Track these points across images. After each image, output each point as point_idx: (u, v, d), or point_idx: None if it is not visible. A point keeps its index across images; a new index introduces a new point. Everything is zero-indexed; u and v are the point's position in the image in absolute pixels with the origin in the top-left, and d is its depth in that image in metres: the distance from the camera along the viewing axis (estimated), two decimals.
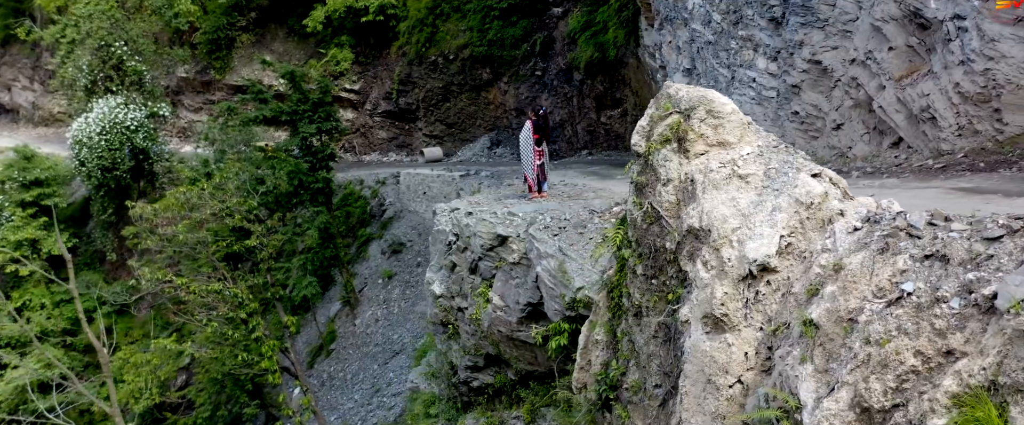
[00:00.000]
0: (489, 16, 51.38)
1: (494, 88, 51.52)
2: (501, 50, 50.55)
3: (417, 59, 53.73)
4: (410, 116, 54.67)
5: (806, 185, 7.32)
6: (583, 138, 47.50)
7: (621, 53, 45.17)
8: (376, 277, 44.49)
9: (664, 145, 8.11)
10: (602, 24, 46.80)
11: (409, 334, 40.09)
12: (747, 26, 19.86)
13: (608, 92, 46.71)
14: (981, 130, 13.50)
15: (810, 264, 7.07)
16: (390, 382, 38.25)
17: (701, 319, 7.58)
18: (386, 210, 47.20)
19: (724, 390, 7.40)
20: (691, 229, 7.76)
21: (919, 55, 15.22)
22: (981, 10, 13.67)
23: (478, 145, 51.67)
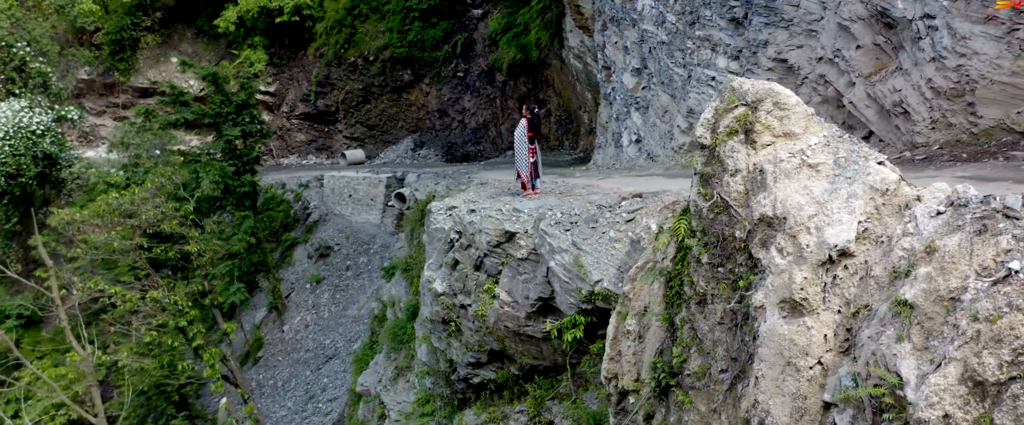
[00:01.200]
0: (409, 17, 51.21)
1: (416, 89, 51.37)
2: (422, 51, 50.46)
3: (336, 60, 53.14)
4: (329, 118, 53.97)
5: (880, 172, 7.72)
6: (507, 138, 47.78)
7: (544, 54, 45.72)
8: (303, 282, 43.77)
9: (731, 137, 8.41)
10: (523, 26, 47.25)
11: (342, 338, 39.63)
12: (705, 26, 20.46)
13: (532, 93, 47.15)
14: (955, 123, 14.33)
15: (890, 248, 7.45)
16: (325, 387, 37.72)
17: (778, 304, 7.89)
18: (311, 213, 46.49)
19: (805, 371, 7.72)
20: (763, 217, 8.07)
21: (886, 53, 16.01)
22: (950, 9, 14.51)
23: (401, 147, 51.42)
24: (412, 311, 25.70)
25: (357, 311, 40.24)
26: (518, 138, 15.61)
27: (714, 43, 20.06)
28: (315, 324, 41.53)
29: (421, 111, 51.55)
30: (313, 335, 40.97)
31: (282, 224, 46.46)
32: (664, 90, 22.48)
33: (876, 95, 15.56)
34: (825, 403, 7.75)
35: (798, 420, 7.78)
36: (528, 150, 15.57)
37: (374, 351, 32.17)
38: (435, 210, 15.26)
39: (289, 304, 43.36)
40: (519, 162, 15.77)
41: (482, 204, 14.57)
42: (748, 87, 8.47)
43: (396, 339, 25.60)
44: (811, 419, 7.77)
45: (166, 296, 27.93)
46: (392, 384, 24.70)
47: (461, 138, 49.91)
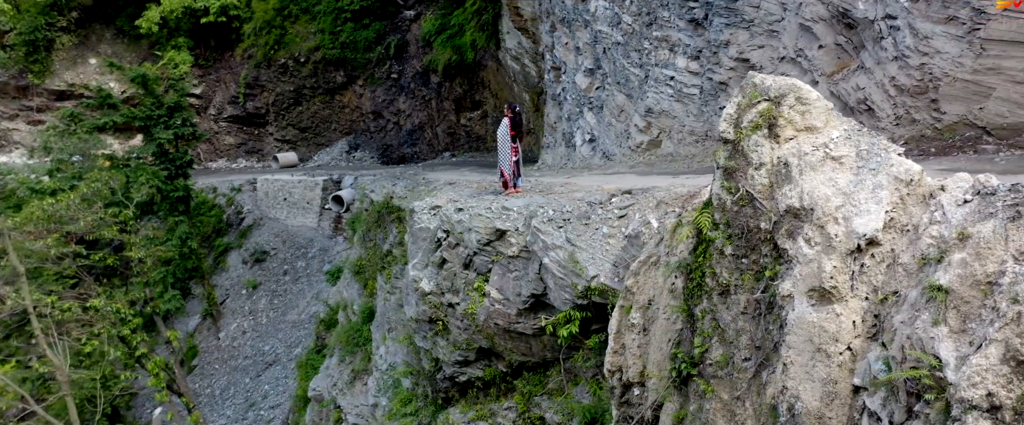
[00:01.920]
0: (340, 18, 50.73)
1: (349, 91, 50.92)
2: (354, 53, 50.05)
3: (265, 62, 52.30)
4: (259, 121, 53.07)
5: (903, 164, 8.06)
6: (444, 140, 47.78)
7: (480, 56, 45.82)
8: (239, 288, 42.96)
9: (755, 131, 8.67)
10: (458, 27, 47.27)
11: (282, 344, 39.05)
12: (662, 27, 20.86)
13: (467, 94, 47.24)
14: (919, 119, 14.96)
15: (917, 236, 7.79)
16: (266, 394, 37.13)
17: (806, 292, 8.16)
18: (244, 218, 45.65)
19: (835, 357, 8.01)
20: (790, 209, 8.34)
21: (847, 52, 16.61)
22: (911, 10, 15.14)
23: (336, 149, 50.89)
24: (367, 314, 25.54)
25: (297, 316, 39.71)
26: (501, 137, 15.70)
27: (672, 43, 20.47)
28: (253, 330, 40.82)
29: (355, 113, 51.12)
30: (251, 342, 40.27)
31: (214, 229, 45.50)
32: (620, 90, 22.83)
33: (840, 93, 16.12)
34: (855, 387, 8.05)
35: (829, 404, 8.06)
36: (511, 149, 15.68)
37: (322, 356, 31.82)
38: (419, 210, 15.24)
39: (224, 311, 42.52)
40: (502, 161, 15.86)
41: (469, 203, 14.62)
42: (770, 83, 8.74)
43: (351, 342, 25.40)
44: (841, 403, 8.06)
45: (107, 304, 27.09)
46: (349, 388, 24.50)
47: (396, 140, 49.67)
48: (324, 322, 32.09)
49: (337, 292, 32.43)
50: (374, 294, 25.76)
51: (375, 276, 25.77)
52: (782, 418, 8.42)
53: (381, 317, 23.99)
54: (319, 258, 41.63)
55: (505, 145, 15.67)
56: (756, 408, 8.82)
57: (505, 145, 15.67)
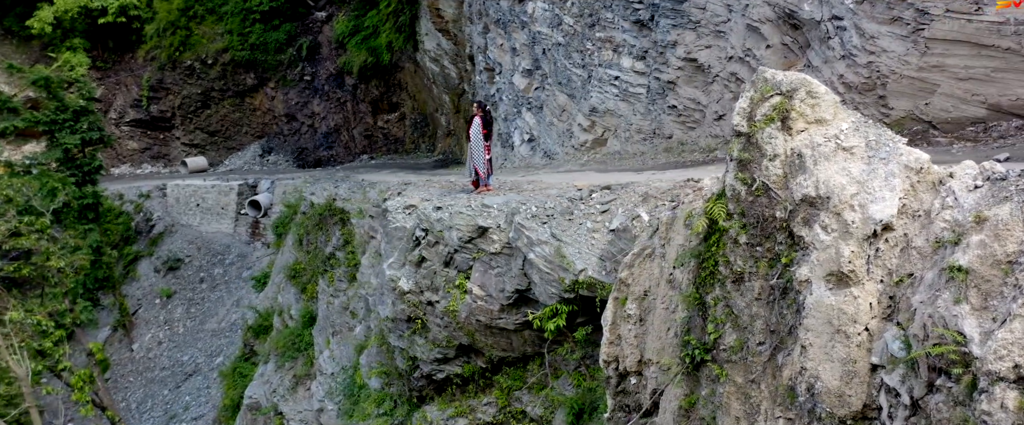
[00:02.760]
0: (249, 19, 49.71)
1: (260, 93, 49.96)
2: (265, 54, 49.15)
3: (170, 64, 50.80)
4: (165, 125, 51.50)
5: (912, 153, 8.58)
6: (361, 143, 47.40)
7: (397, 58, 45.67)
8: (152, 297, 41.63)
9: (768, 124, 9.06)
10: (372, 29, 46.99)
11: (202, 354, 38.07)
12: (606, 28, 21.31)
13: (384, 96, 46.99)
14: (868, 115, 15.76)
15: (930, 220, 8.31)
16: (187, 406, 36.13)
17: (824, 277, 8.59)
18: (154, 225, 44.24)
19: (854, 337, 8.45)
20: (805, 198, 8.76)
21: (793, 52, 17.35)
22: (857, 12, 15.94)
23: (248, 153, 49.82)
24: (308, 318, 25.22)
25: (217, 325, 38.77)
26: (474, 136, 15.80)
27: (616, 44, 20.94)
28: (169, 341, 39.64)
29: (267, 116, 50.16)
30: (168, 352, 39.09)
31: (122, 237, 43.89)
32: (561, 90, 23.20)
33: None
34: (872, 365, 8.51)
35: (848, 383, 8.50)
36: (484, 147, 15.80)
37: (250, 363, 31.21)
38: (393, 209, 15.21)
39: (137, 321, 41.14)
40: (476, 159, 15.96)
41: (447, 202, 14.69)
42: (781, 78, 9.16)
43: (292, 347, 25.03)
44: (860, 380, 8.51)
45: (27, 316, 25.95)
46: (291, 393, 24.15)
47: (312, 143, 48.98)
48: (252, 329, 31.45)
49: (266, 298, 31.84)
50: (314, 298, 25.46)
51: (314, 280, 25.48)
52: (801, 398, 8.83)
53: (324, 321, 23.75)
54: (238, 265, 40.74)
55: (479, 143, 15.79)
56: (772, 390, 9.21)
57: (479, 143, 15.79)
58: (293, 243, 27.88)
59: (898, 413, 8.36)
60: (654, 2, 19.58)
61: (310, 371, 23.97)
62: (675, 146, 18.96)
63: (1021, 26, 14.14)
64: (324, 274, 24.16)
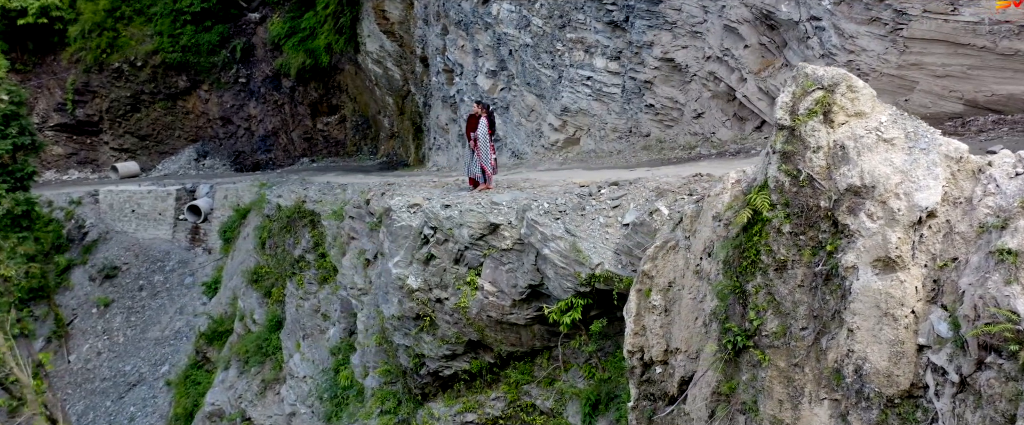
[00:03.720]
0: (179, 20, 48.61)
1: (193, 96, 48.90)
2: (198, 56, 48.15)
3: (97, 66, 49.29)
4: (92, 129, 49.91)
5: (951, 143, 9.09)
6: (300, 145, 46.84)
7: (336, 60, 45.31)
8: (88, 307, 40.37)
9: (811, 117, 9.46)
10: (310, 30, 46.51)
11: (146, 363, 37.09)
12: (577, 29, 21.65)
13: (324, 99, 46.55)
14: None
15: (972, 207, 8.81)
16: (133, 417, 35.17)
17: (871, 263, 9.02)
18: (88, 232, 42.89)
19: (901, 320, 8.90)
20: (850, 187, 9.18)
21: (771, 51, 17.94)
22: (835, 12, 16.62)
23: (182, 157, 48.67)
24: (274, 322, 24.91)
25: (160, 333, 37.83)
26: (482, 135, 15.97)
27: (588, 45, 21.29)
28: (109, 351, 38.51)
29: (201, 119, 49.10)
30: (109, 362, 37.97)
31: (53, 245, 42.38)
32: (529, 91, 23.46)
33: (769, 89, 17.41)
34: (919, 346, 8.97)
35: (896, 363, 8.94)
36: (489, 146, 16.02)
37: (204, 370, 30.62)
38: (397, 208, 15.22)
39: (73, 331, 39.86)
40: (483, 158, 16.12)
41: (456, 200, 14.79)
42: (822, 73, 9.57)
43: (258, 352, 24.68)
44: (908, 360, 8.95)
45: None
46: (259, 398, 23.84)
47: (249, 146, 48.16)
48: (205, 335, 30.82)
49: (220, 303, 31.26)
50: (280, 302, 25.15)
51: (280, 284, 25.18)
52: (848, 379, 9.23)
53: (293, 324, 23.51)
54: (179, 271, 39.82)
55: (486, 142, 16.00)
56: (816, 372, 9.60)
57: (486, 142, 16.00)
58: (254, 247, 27.45)
59: (945, 390, 8.81)
60: (629, 4, 19.99)
61: (279, 375, 23.68)
62: (653, 144, 19.40)
63: (995, 26, 14.95)
64: (292, 277, 23.90)
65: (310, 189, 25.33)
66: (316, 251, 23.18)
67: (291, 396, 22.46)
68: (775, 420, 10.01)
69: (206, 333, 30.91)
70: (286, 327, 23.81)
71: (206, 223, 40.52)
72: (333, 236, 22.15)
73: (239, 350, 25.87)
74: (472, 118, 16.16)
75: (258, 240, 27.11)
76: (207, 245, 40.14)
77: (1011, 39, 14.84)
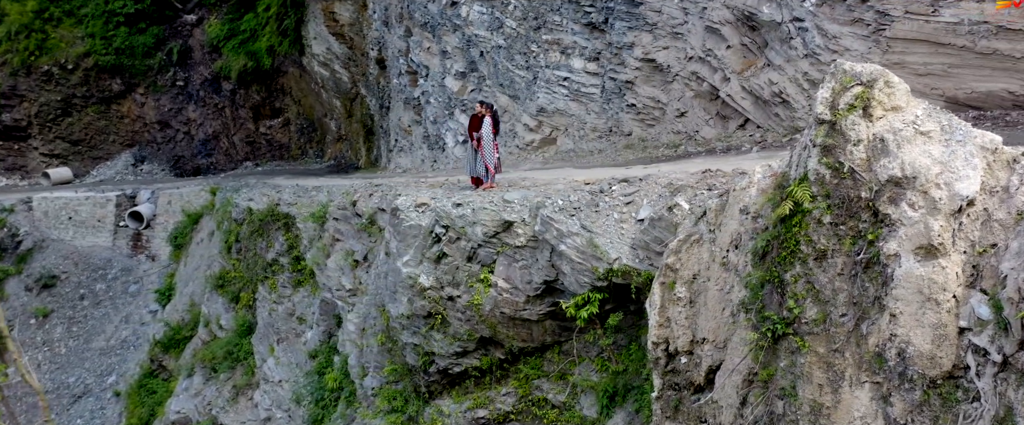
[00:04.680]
0: (112, 22, 47.29)
1: (128, 100, 47.64)
2: (132, 59, 46.93)
3: (24, 69, 47.56)
4: (20, 134, 48.13)
5: (986, 135, 9.58)
6: (243, 149, 46.06)
7: (279, 62, 44.72)
8: (25, 318, 38.95)
9: (851, 112, 9.85)
10: (250, 32, 45.81)
11: (91, 374, 36.00)
12: (552, 31, 21.90)
13: (266, 102, 45.90)
14: None
15: (1009, 195, 9.30)
16: None
17: (913, 250, 9.44)
18: (21, 241, 41.33)
19: (944, 304, 9.34)
20: (891, 178, 9.59)
21: (752, 52, 18.47)
22: (817, 13, 17.21)
23: (119, 163, 47.35)
24: (245, 327, 24.53)
25: (106, 343, 36.76)
26: (486, 135, 16.11)
27: (565, 46, 21.57)
28: (50, 363, 37.23)
29: (137, 123, 47.84)
30: (50, 375, 36.71)
31: None
32: (502, 92, 23.63)
33: (752, 88, 17.92)
34: (960, 328, 9.41)
35: (939, 346, 9.37)
36: (494, 146, 16.18)
37: (158, 379, 29.93)
38: (404, 208, 15.21)
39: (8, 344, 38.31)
40: (488, 158, 16.25)
41: (467, 199, 14.89)
42: (861, 69, 9.98)
43: (228, 358, 24.24)
44: (950, 343, 9.39)
45: None
46: (231, 405, 23.46)
47: (189, 151, 47.11)
48: (161, 343, 30.09)
49: (176, 311, 30.57)
50: (250, 307, 24.77)
51: (248, 288, 24.81)
52: (891, 362, 9.63)
53: (267, 328, 23.20)
54: (123, 279, 38.75)
55: (490, 142, 16.17)
56: (856, 357, 9.98)
57: (490, 142, 16.17)
58: (219, 251, 26.92)
59: (986, 370, 9.26)
60: (608, 6, 20.34)
61: (251, 380, 23.31)
62: (636, 143, 19.78)
63: (974, 26, 15.70)
64: (264, 281, 23.56)
65: (284, 192, 25.01)
66: (290, 254, 22.91)
67: (266, 401, 22.15)
68: (815, 404, 10.35)
69: (162, 341, 30.18)
70: (258, 332, 23.46)
71: (149, 229, 39.54)
72: (310, 239, 21.93)
73: (205, 356, 25.35)
74: (475, 118, 16.31)
75: (224, 245, 26.62)
76: (151, 252, 39.18)
77: (989, 39, 15.60)
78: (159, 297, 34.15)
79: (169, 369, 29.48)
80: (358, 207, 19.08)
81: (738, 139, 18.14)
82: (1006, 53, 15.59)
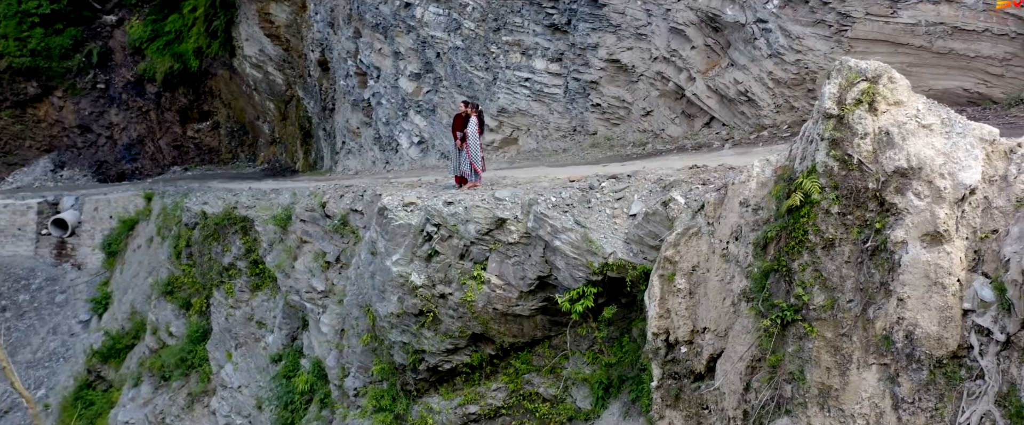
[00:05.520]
0: (26, 23, 45.59)
1: (45, 103, 46.00)
2: (49, 61, 45.36)
3: None
4: None
5: (984, 127, 10.17)
6: (169, 154, 44.98)
7: (207, 64, 43.85)
8: None
9: (858, 106, 10.32)
10: (175, 33, 44.80)
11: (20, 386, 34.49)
12: (513, 32, 22.10)
13: (194, 105, 44.94)
14: (797, 106, 17.68)
15: (1008, 184, 9.90)
16: None
17: (919, 237, 9.96)
18: None
19: (949, 287, 9.87)
20: (897, 169, 10.10)
21: (715, 52, 19.00)
22: (780, 15, 17.83)
23: (37, 168, 45.66)
24: (198, 334, 24.03)
25: (32, 355, 35.35)
26: (472, 134, 16.20)
27: (526, 47, 21.80)
28: None
29: (56, 127, 46.19)
30: None
31: None
32: (460, 93, 23.71)
33: (718, 87, 18.46)
34: (964, 310, 9.97)
35: (945, 327, 9.90)
36: (479, 145, 16.28)
37: (97, 390, 29.03)
38: (392, 207, 15.16)
39: None
40: (474, 156, 16.33)
41: (457, 197, 14.96)
42: (865, 66, 10.48)
43: (182, 365, 23.69)
44: (955, 324, 9.93)
45: None
46: (187, 412, 22.98)
47: (112, 155, 45.71)
48: (100, 354, 29.16)
49: (115, 320, 29.67)
50: (203, 313, 24.24)
51: (202, 294, 24.30)
52: (898, 344, 10.12)
53: (223, 334, 22.78)
54: (48, 289, 37.33)
55: (475, 141, 16.27)
56: (863, 340, 10.45)
57: (475, 141, 16.27)
58: (168, 257, 26.21)
59: (989, 349, 9.83)
60: (571, 8, 20.64)
61: (207, 387, 22.84)
62: (602, 142, 20.13)
63: (930, 27, 16.54)
64: (220, 286, 23.10)
65: (241, 195, 24.52)
66: (248, 258, 22.52)
67: (224, 407, 21.74)
68: (823, 386, 10.78)
69: (101, 351, 29.25)
70: (214, 337, 22.98)
71: (74, 237, 38.23)
72: (270, 241, 21.62)
73: (154, 365, 24.70)
74: (458, 117, 16.41)
75: (173, 250, 25.94)
76: (77, 260, 37.89)
77: (945, 39, 16.46)
78: (95, 306, 33.04)
79: (108, 379, 28.61)
80: (328, 208, 18.92)
81: (705, 137, 18.65)
82: (961, 53, 16.46)
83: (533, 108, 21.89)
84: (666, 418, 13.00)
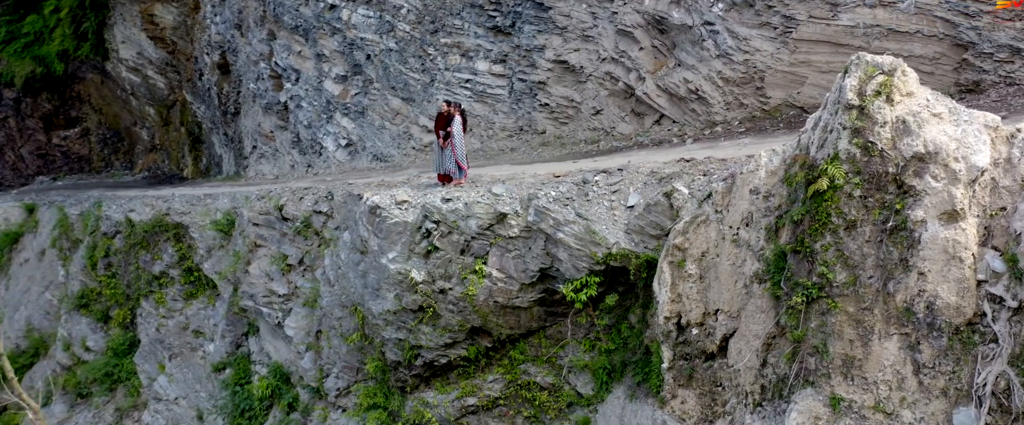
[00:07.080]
0: None
1: None
2: None
3: None
4: None
5: (988, 115, 11.25)
6: (33, 163, 42.30)
7: (75, 68, 41.55)
8: None
9: (877, 98, 11.19)
10: (36, 35, 42.20)
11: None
12: (452, 34, 22.21)
13: (60, 110, 42.44)
14: (747, 104, 18.66)
15: (1013, 165, 11.00)
16: None
17: (938, 216, 10.93)
18: None
19: (966, 261, 10.89)
20: (916, 154, 11.02)
21: (662, 53, 19.77)
22: (726, 18, 18.79)
23: None
24: (123, 346, 22.87)
25: None
26: (457, 133, 16.23)
27: (467, 49, 21.97)
28: None
29: None
30: None
31: None
32: (394, 95, 23.60)
33: (668, 86, 19.27)
34: (978, 281, 10.99)
35: (963, 297, 10.91)
36: (463, 142, 16.39)
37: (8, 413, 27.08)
38: (385, 205, 14.98)
39: None
40: (459, 156, 16.34)
41: (455, 194, 15.00)
42: (881, 60, 11.39)
43: (106, 379, 22.46)
44: (971, 293, 10.96)
45: None
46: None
47: None
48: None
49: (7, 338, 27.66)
50: (127, 325, 23.04)
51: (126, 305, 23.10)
52: (920, 314, 11.06)
53: (154, 345, 21.77)
54: None
55: (461, 139, 16.34)
56: (884, 313, 11.33)
57: (461, 139, 16.34)
58: (82, 269, 24.64)
59: (1001, 315, 10.90)
60: (515, 10, 20.99)
61: (137, 401, 21.74)
62: (552, 140, 20.57)
63: (868, 29, 17.88)
64: (148, 296, 22.01)
65: (173, 201, 23.35)
66: (181, 265, 21.59)
67: (159, 420, 20.80)
68: (847, 357, 11.60)
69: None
70: (142, 349, 21.86)
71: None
72: (208, 248, 20.81)
73: (69, 382, 23.25)
74: (441, 116, 16.44)
75: (88, 261, 24.41)
76: None
77: (881, 40, 17.83)
78: None
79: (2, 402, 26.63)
80: (286, 211, 18.49)
81: (658, 134, 19.40)
82: (896, 53, 17.72)
83: (476, 109, 22.09)
84: (679, 397, 13.57)
